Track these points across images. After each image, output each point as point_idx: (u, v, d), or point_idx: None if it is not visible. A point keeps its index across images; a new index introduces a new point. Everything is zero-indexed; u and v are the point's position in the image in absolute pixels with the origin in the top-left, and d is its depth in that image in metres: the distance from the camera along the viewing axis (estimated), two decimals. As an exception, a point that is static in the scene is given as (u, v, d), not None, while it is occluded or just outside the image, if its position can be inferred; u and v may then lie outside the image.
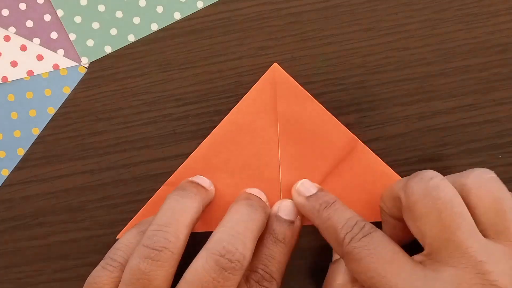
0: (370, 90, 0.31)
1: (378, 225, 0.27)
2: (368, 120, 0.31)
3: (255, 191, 0.29)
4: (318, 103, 0.30)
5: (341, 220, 0.26)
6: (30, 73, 0.31)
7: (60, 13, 0.31)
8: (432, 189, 0.24)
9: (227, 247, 0.25)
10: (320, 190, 0.29)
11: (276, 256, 0.27)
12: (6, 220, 0.31)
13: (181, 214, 0.26)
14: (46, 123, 0.31)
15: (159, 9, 0.32)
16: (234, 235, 0.25)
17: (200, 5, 0.32)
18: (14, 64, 0.31)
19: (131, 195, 0.31)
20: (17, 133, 0.31)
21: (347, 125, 0.30)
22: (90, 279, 0.27)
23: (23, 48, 0.31)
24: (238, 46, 0.31)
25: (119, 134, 0.31)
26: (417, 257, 0.25)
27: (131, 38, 0.32)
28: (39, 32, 0.31)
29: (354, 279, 0.27)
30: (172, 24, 0.32)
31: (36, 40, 0.32)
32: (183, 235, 0.26)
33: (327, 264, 0.29)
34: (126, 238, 0.28)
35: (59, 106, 0.31)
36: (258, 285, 0.26)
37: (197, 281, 0.24)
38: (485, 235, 0.24)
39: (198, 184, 0.29)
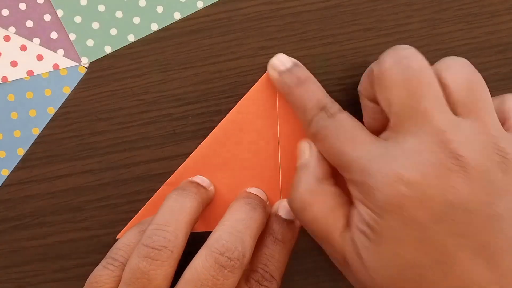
0: (370, 90, 0.31)
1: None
2: (368, 120, 0.31)
3: (255, 190, 0.29)
4: None
5: (311, 100, 0.27)
6: (30, 73, 0.31)
7: (60, 13, 0.31)
8: (403, 58, 0.24)
9: (226, 245, 0.25)
10: (295, 65, 0.29)
11: (276, 256, 0.27)
12: (6, 220, 0.31)
13: (181, 213, 0.26)
14: (46, 123, 0.31)
15: (159, 9, 0.32)
16: (233, 233, 0.25)
17: (200, 5, 0.32)
18: (14, 64, 0.31)
19: (131, 195, 0.31)
20: (17, 133, 0.31)
21: (347, 125, 0.30)
22: (91, 278, 0.27)
23: (23, 48, 0.31)
24: (238, 46, 0.31)
25: (119, 134, 0.31)
26: (383, 134, 0.25)
27: (131, 38, 0.32)
28: (39, 32, 0.31)
29: (320, 178, 0.27)
30: (172, 24, 0.32)
31: (36, 40, 0.32)
32: (182, 234, 0.26)
33: (327, 264, 0.29)
34: (127, 237, 0.28)
35: (59, 106, 0.31)
36: (258, 284, 0.26)
37: (196, 279, 0.24)
38: (454, 113, 0.24)
39: (198, 184, 0.29)
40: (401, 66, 0.24)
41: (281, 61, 0.29)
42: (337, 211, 0.26)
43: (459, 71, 0.24)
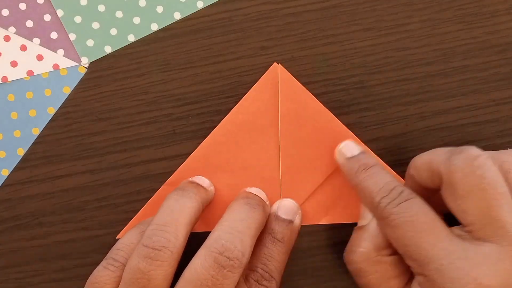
0: (370, 90, 0.31)
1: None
2: (368, 120, 0.31)
3: (254, 190, 0.29)
4: (319, 102, 0.30)
5: (379, 184, 0.26)
6: (30, 73, 0.31)
7: (60, 13, 0.31)
8: (477, 168, 0.24)
9: (226, 245, 0.25)
10: (362, 152, 0.28)
11: (275, 256, 0.27)
12: (6, 220, 0.31)
13: (180, 214, 0.26)
14: (46, 123, 0.31)
15: (159, 9, 0.32)
16: (232, 233, 0.25)
17: (200, 5, 0.32)
18: (14, 64, 0.31)
19: (131, 195, 0.31)
20: (17, 133, 0.31)
21: (347, 125, 0.30)
22: (91, 278, 0.27)
23: (23, 48, 0.31)
24: (238, 46, 0.31)
25: (119, 134, 0.31)
26: (456, 230, 0.24)
27: (131, 38, 0.32)
28: (39, 32, 0.31)
29: (379, 247, 0.27)
30: (172, 24, 0.32)
31: (36, 40, 0.32)
32: (182, 234, 0.26)
33: (327, 264, 0.29)
34: (127, 238, 0.28)
35: (59, 106, 0.31)
36: (257, 284, 0.26)
37: (196, 279, 0.24)
38: None
39: (197, 184, 0.29)
40: (476, 178, 0.23)
41: (349, 149, 0.29)
42: (392, 282, 0.26)
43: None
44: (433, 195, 0.27)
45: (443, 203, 0.25)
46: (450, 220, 0.25)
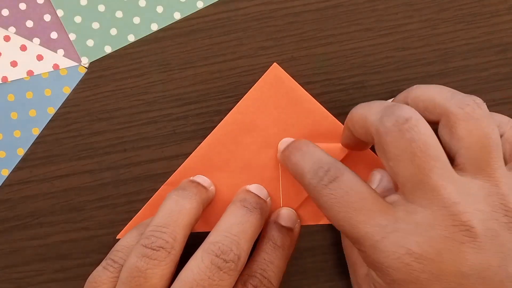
0: (370, 90, 0.31)
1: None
2: (368, 120, 0.31)
3: (254, 187, 0.29)
4: (318, 103, 0.30)
5: (306, 165, 0.26)
6: (30, 73, 0.31)
7: (60, 13, 0.31)
8: (406, 131, 0.23)
9: (222, 248, 0.25)
10: (293, 141, 0.29)
11: (275, 262, 0.27)
12: (6, 220, 0.31)
13: (179, 215, 0.26)
14: (46, 123, 0.31)
15: (159, 9, 0.32)
16: (228, 236, 0.26)
17: (200, 5, 0.32)
18: (14, 64, 0.31)
19: (131, 195, 0.31)
20: (17, 133, 0.31)
21: (347, 125, 0.30)
22: (90, 279, 0.27)
23: (23, 48, 0.31)
24: (238, 46, 0.31)
25: (119, 134, 0.31)
26: (391, 197, 0.24)
27: (131, 38, 0.32)
28: (39, 32, 0.31)
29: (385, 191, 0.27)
30: (172, 24, 0.32)
31: (36, 40, 0.32)
32: (180, 236, 0.26)
33: (327, 264, 0.29)
34: (126, 240, 0.28)
35: (59, 106, 0.31)
36: None
37: (192, 280, 0.25)
38: (462, 169, 0.24)
39: (198, 184, 0.29)
40: (404, 140, 0.23)
41: (282, 143, 0.29)
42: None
43: (474, 124, 0.24)
44: (367, 146, 0.28)
45: None
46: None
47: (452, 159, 0.24)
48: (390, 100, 0.29)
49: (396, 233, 0.23)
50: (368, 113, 0.25)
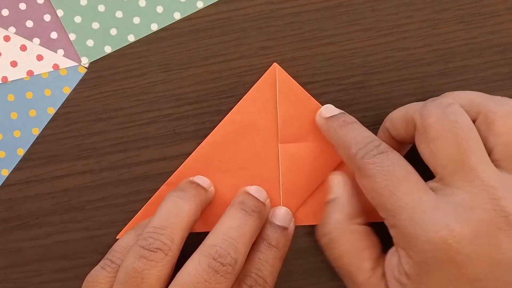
0: (370, 90, 0.31)
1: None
2: (368, 120, 0.31)
3: (253, 189, 0.29)
4: (318, 103, 0.30)
5: (356, 137, 0.26)
6: (30, 73, 0.31)
7: (60, 13, 0.31)
8: (450, 114, 0.24)
9: (220, 251, 0.25)
10: (342, 113, 0.29)
11: (270, 261, 0.27)
12: (6, 220, 0.31)
13: (178, 217, 0.26)
14: (46, 123, 0.31)
15: (159, 9, 0.32)
16: (226, 239, 0.26)
17: (200, 5, 0.32)
18: (14, 64, 0.31)
19: (131, 195, 0.31)
20: (17, 133, 0.31)
21: (347, 125, 0.30)
22: (88, 278, 0.27)
23: (23, 48, 0.31)
24: (238, 46, 0.31)
25: (119, 134, 0.31)
26: (430, 183, 0.25)
27: (131, 38, 0.32)
28: (39, 32, 0.31)
29: (350, 216, 0.27)
30: (172, 24, 0.32)
31: (36, 40, 0.32)
32: (178, 238, 0.26)
33: (327, 264, 0.29)
34: (124, 240, 0.28)
35: (59, 106, 0.31)
36: None
37: (188, 282, 0.25)
38: (498, 166, 0.24)
39: (197, 185, 0.29)
40: (448, 121, 0.24)
41: (328, 110, 0.29)
42: (364, 252, 0.26)
43: (510, 123, 0.24)
44: (403, 151, 0.28)
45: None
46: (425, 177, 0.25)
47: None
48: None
49: (437, 210, 0.23)
50: (409, 108, 0.26)
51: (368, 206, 0.26)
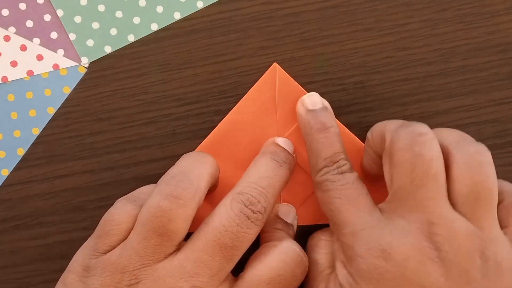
0: (370, 90, 0.31)
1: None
2: (368, 120, 0.31)
3: (282, 141, 0.29)
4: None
5: (326, 150, 0.27)
6: (30, 73, 0.31)
7: (60, 13, 0.31)
8: (416, 144, 0.24)
9: (251, 199, 0.25)
10: (324, 108, 0.28)
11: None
12: (6, 220, 0.31)
13: (202, 164, 0.26)
14: (46, 123, 0.31)
15: (159, 9, 0.32)
16: (257, 189, 0.26)
17: (200, 5, 0.32)
18: (14, 64, 0.31)
19: (131, 195, 0.31)
20: (17, 133, 0.31)
21: (347, 125, 0.30)
22: (107, 216, 0.26)
23: (23, 48, 0.31)
24: (238, 46, 0.31)
25: (119, 134, 0.31)
26: (380, 205, 0.26)
27: (131, 38, 0.32)
28: (39, 32, 0.31)
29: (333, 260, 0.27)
30: (172, 24, 0.32)
31: (36, 40, 0.32)
32: (204, 181, 0.26)
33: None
34: (147, 187, 0.27)
35: (59, 106, 0.31)
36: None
37: (220, 225, 0.25)
38: (453, 204, 0.24)
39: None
40: (412, 151, 0.24)
41: (312, 101, 0.29)
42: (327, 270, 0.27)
43: (471, 171, 0.24)
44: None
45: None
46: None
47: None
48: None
49: (375, 229, 0.24)
50: (389, 123, 0.27)
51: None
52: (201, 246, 0.25)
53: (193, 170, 0.26)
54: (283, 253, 0.26)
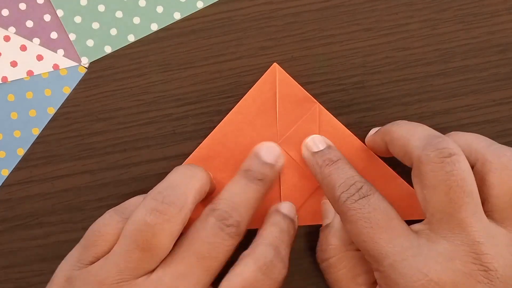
0: (370, 90, 0.31)
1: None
2: (368, 120, 0.31)
3: (263, 149, 0.29)
4: (318, 103, 0.30)
5: (340, 178, 0.26)
6: (30, 73, 0.31)
7: (60, 13, 0.31)
8: (447, 164, 0.24)
9: (223, 214, 0.25)
10: (327, 147, 0.29)
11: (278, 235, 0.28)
12: (6, 220, 0.31)
13: (190, 178, 0.26)
14: (46, 123, 0.31)
15: (159, 9, 0.32)
16: (229, 204, 0.26)
17: (200, 5, 0.32)
18: (14, 64, 0.31)
19: (131, 195, 0.31)
20: (17, 133, 0.31)
21: (347, 125, 0.30)
22: (94, 226, 0.26)
23: (23, 48, 0.31)
24: (238, 46, 0.31)
25: (119, 134, 0.31)
26: (415, 226, 0.25)
27: (131, 38, 0.32)
28: (39, 32, 0.31)
29: (346, 242, 0.27)
30: (172, 24, 0.32)
31: (36, 40, 0.32)
32: (191, 197, 0.26)
33: (327, 264, 0.29)
34: (135, 199, 0.28)
35: (59, 106, 0.31)
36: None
37: (197, 237, 0.25)
38: (489, 216, 0.24)
39: None
40: (444, 171, 0.24)
41: (314, 143, 0.29)
42: (360, 278, 0.27)
43: (508, 174, 0.24)
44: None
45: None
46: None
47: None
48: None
49: (417, 258, 0.23)
50: (412, 137, 0.26)
51: None
52: (179, 258, 0.25)
53: (180, 185, 0.26)
54: (257, 260, 0.25)
